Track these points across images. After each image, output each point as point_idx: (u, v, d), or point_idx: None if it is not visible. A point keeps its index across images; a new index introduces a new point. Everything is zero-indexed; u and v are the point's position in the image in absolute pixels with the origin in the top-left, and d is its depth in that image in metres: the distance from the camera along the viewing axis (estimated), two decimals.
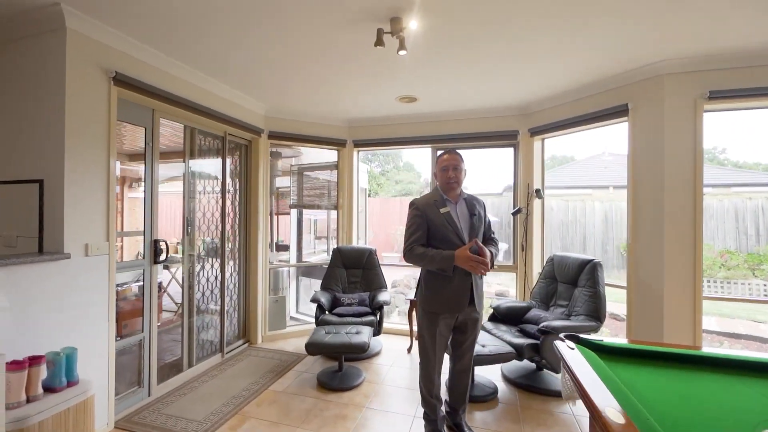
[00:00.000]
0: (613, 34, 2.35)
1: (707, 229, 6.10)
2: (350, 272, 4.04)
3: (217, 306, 3.44)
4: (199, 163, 3.26)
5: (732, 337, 4.56)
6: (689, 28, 2.26)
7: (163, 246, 2.75)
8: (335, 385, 2.93)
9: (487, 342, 2.85)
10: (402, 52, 2.24)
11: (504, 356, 2.72)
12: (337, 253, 4.05)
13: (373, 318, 3.41)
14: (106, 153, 2.30)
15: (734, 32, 2.31)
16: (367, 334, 3.04)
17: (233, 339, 3.68)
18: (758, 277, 6.43)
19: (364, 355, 3.50)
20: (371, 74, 2.99)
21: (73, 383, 1.90)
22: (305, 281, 5.23)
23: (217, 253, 3.45)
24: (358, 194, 4.56)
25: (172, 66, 2.74)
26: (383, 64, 2.79)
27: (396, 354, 3.66)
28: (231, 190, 3.62)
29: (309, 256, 5.32)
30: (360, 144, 4.38)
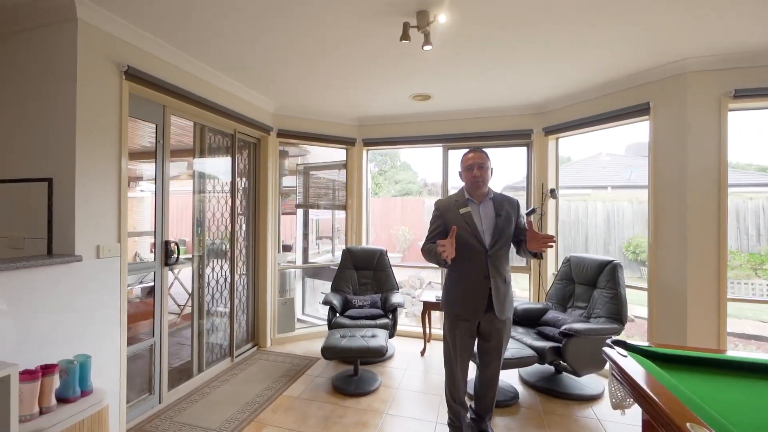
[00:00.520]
0: (636, 32, 2.30)
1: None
2: (361, 273, 3.96)
3: (225, 308, 3.34)
4: (207, 162, 3.16)
5: (743, 338, 4.54)
6: (714, 26, 2.22)
7: (173, 247, 2.65)
8: (352, 390, 2.85)
9: (508, 345, 2.78)
10: (427, 47, 2.17)
11: (526, 360, 2.66)
12: (348, 254, 3.97)
13: (388, 320, 3.34)
14: (117, 150, 2.20)
15: (761, 30, 2.27)
16: (383, 337, 2.96)
17: (242, 342, 3.59)
18: (761, 277, 6.43)
19: (377, 359, 3.42)
20: (388, 71, 2.91)
21: (87, 393, 1.81)
22: (310, 282, 5.14)
23: (226, 254, 3.35)
24: (367, 194, 4.48)
25: (183, 61, 2.64)
26: (402, 61, 2.71)
27: (409, 357, 3.59)
28: (240, 190, 3.52)
29: (313, 257, 5.23)
30: (370, 143, 4.30)
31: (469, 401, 2.49)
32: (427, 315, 3.72)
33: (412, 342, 3.99)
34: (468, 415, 2.36)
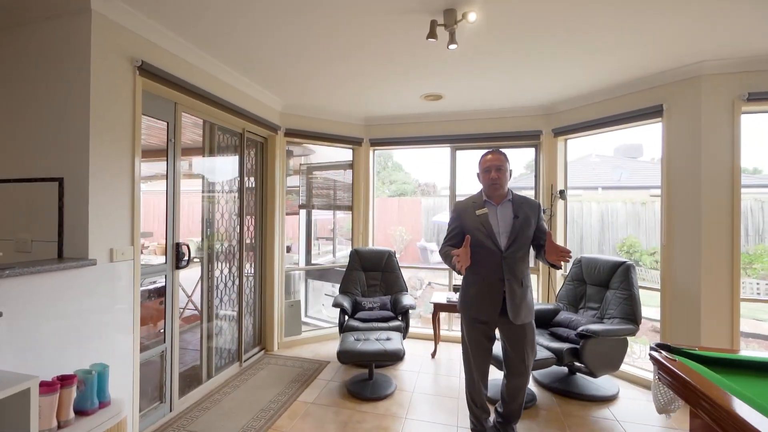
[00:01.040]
0: (652, 35, 2.31)
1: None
2: (369, 275, 3.91)
3: (233, 311, 3.25)
4: (215, 161, 3.06)
5: (747, 337, 4.63)
6: (729, 29, 2.24)
7: (185, 249, 2.56)
8: (368, 394, 2.79)
9: None
10: (452, 46, 2.13)
11: (544, 362, 2.65)
12: (356, 256, 3.91)
13: (401, 323, 3.29)
14: (131, 149, 2.10)
15: None
16: (398, 340, 2.92)
17: (249, 346, 3.49)
18: (750, 276, 6.59)
19: (394, 362, 3.36)
20: (402, 71, 2.87)
21: (105, 404, 1.71)
22: (312, 284, 5.06)
23: (234, 256, 3.25)
24: (373, 194, 4.43)
25: (195, 56, 2.55)
26: (418, 61, 2.67)
27: (421, 360, 3.55)
28: (246, 190, 3.43)
29: (314, 258, 5.15)
30: (377, 143, 4.26)
31: (491, 405, 2.46)
32: (439, 317, 3.69)
33: (421, 344, 3.96)
34: (492, 417, 2.33)
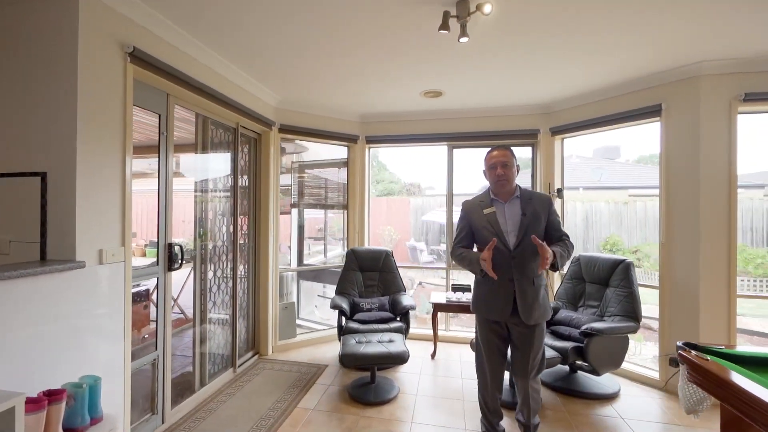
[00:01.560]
0: (653, 35, 2.33)
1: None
2: (366, 275, 3.81)
3: (226, 315, 3.10)
4: (207, 157, 2.91)
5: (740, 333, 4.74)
6: (728, 30, 2.27)
7: (177, 250, 2.41)
8: (371, 398, 2.71)
9: None
10: (463, 39, 2.06)
11: (551, 361, 2.63)
12: (352, 256, 3.81)
13: (402, 324, 3.22)
14: (121, 141, 1.95)
15: None
16: (401, 342, 2.85)
17: (242, 351, 3.34)
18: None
19: (392, 365, 3.28)
20: (407, 65, 2.79)
21: (97, 420, 1.57)
22: (305, 285, 4.93)
23: (227, 256, 3.10)
24: (369, 193, 4.34)
25: (189, 45, 2.40)
26: (422, 55, 2.60)
27: (420, 361, 3.49)
28: (240, 188, 3.28)
29: (305, 258, 5.02)
30: (373, 140, 4.17)
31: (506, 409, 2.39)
32: (437, 317, 3.63)
33: (419, 344, 3.89)
34: (502, 423, 2.27)
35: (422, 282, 7.55)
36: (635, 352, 3.92)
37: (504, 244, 2.04)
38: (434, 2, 1.97)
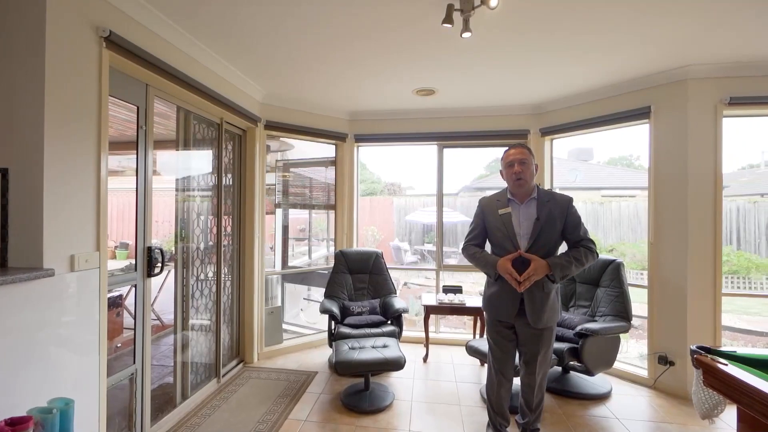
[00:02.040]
0: (643, 39, 2.36)
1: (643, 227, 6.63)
2: (356, 278, 3.70)
3: (209, 321, 2.91)
4: (190, 154, 2.72)
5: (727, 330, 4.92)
6: (715, 36, 2.32)
7: (158, 254, 2.22)
8: (366, 406, 2.60)
9: None
10: (466, 34, 1.99)
11: None
12: (341, 257, 3.69)
13: (394, 327, 3.13)
14: (96, 135, 1.76)
15: (758, 43, 2.40)
16: (396, 346, 2.76)
17: (226, 359, 3.16)
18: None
19: (389, 371, 3.17)
20: (402, 61, 2.71)
21: None
22: (289, 288, 4.76)
23: (211, 260, 2.92)
24: (357, 193, 4.23)
25: (170, 32, 2.22)
26: (422, 50, 2.53)
27: (413, 365, 3.40)
28: (225, 187, 3.09)
29: (290, 260, 4.85)
30: (362, 139, 4.06)
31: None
32: (429, 319, 3.57)
33: (409, 348, 3.80)
34: (508, 429, 2.22)
35: (407, 282, 7.50)
36: (622, 351, 3.99)
37: (515, 247, 2.01)
38: None
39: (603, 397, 2.83)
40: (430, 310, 3.53)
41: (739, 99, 2.74)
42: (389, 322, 3.30)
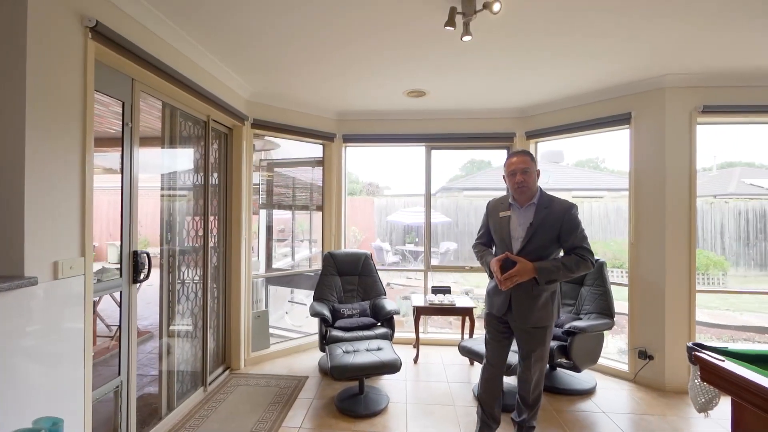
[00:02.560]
0: (625, 48, 2.47)
1: (618, 226, 7.00)
2: (345, 280, 3.66)
3: (195, 327, 2.79)
4: (176, 153, 2.59)
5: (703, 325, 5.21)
6: (692, 48, 2.46)
7: (144, 259, 2.10)
8: (361, 411, 2.57)
9: None
10: (467, 37, 2.02)
11: None
12: (330, 259, 3.64)
13: (387, 329, 3.12)
14: (81, 132, 1.64)
15: (731, 55, 2.57)
16: (390, 348, 2.75)
17: (212, 366, 3.04)
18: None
19: (380, 374, 3.14)
20: (396, 62, 2.69)
21: None
22: (274, 291, 4.64)
23: (197, 263, 2.79)
24: (345, 194, 4.18)
25: (159, 24, 2.10)
26: (419, 51, 2.52)
27: (404, 367, 3.39)
28: (211, 186, 2.97)
29: (274, 262, 4.74)
30: (351, 139, 4.02)
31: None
32: (420, 320, 3.58)
33: (399, 349, 3.78)
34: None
35: (390, 283, 7.50)
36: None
37: (509, 248, 2.09)
38: None
39: (589, 393, 2.93)
40: (420, 311, 3.54)
41: (712, 108, 2.92)
42: (380, 324, 3.29)
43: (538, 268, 1.97)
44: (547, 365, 3.13)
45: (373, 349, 2.74)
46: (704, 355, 1.40)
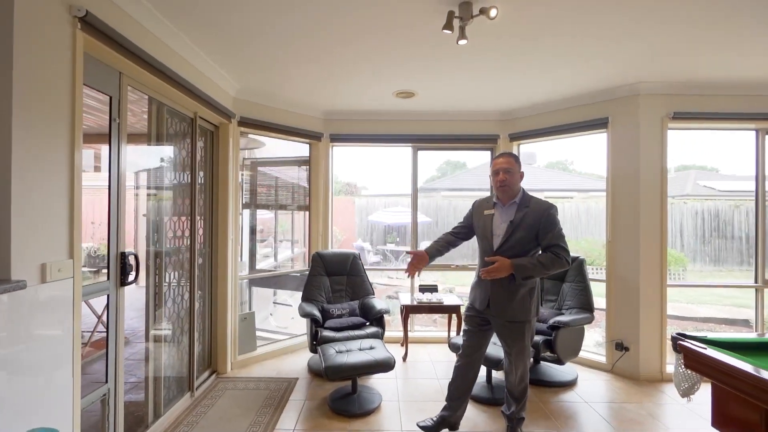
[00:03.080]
0: (602, 57, 2.61)
1: (588, 225, 7.35)
2: (334, 280, 3.65)
3: (181, 330, 2.69)
4: (163, 150, 2.50)
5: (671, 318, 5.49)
6: (664, 58, 2.63)
7: (132, 261, 2.01)
8: (355, 410, 2.58)
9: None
10: (462, 41, 2.07)
11: None
12: (319, 260, 3.61)
13: (378, 329, 3.14)
14: (69, 128, 1.56)
15: (701, 65, 2.76)
16: (383, 347, 2.77)
17: (198, 371, 2.95)
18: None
19: (374, 373, 3.14)
20: (387, 64, 2.72)
21: None
22: (258, 292, 4.55)
23: (183, 265, 2.70)
24: (332, 194, 4.16)
25: (147, 15, 2.02)
26: (409, 53, 2.56)
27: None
28: (197, 186, 2.88)
29: (257, 263, 4.64)
30: (338, 138, 4.00)
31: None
32: (408, 319, 3.61)
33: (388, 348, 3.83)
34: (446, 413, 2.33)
35: (372, 283, 7.51)
36: None
37: (490, 244, 2.19)
38: (437, 1, 1.93)
39: (571, 384, 3.07)
40: (409, 309, 3.57)
41: (682, 114, 3.12)
42: (370, 323, 3.30)
43: (516, 265, 2.06)
44: (532, 359, 3.28)
45: (365, 348, 2.75)
46: (688, 344, 1.51)
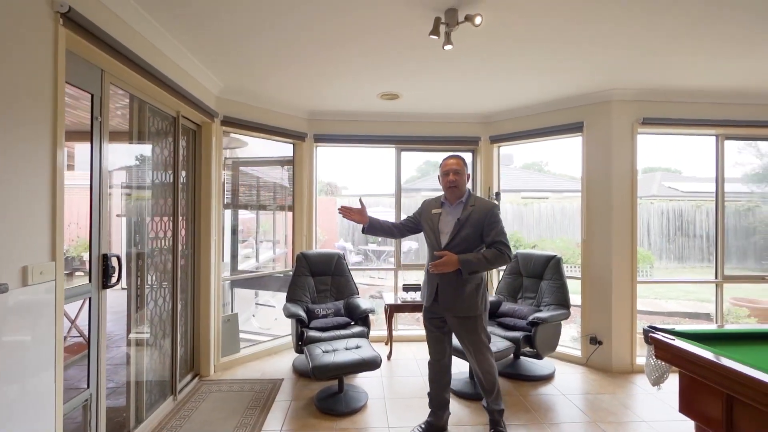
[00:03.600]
0: (577, 64, 2.75)
1: (563, 225, 7.65)
2: (318, 280, 3.65)
3: (163, 333, 2.64)
4: (144, 149, 2.45)
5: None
6: (635, 67, 2.79)
7: (115, 263, 1.97)
8: (342, 409, 2.60)
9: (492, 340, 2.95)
10: (448, 46, 2.14)
11: (506, 352, 2.87)
12: (303, 260, 3.61)
13: (363, 328, 3.17)
14: (51, 125, 1.51)
15: (669, 75, 2.95)
16: (369, 346, 2.81)
17: (181, 374, 2.89)
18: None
19: (361, 371, 3.16)
20: (373, 65, 2.76)
21: None
22: (239, 293, 4.49)
23: (166, 266, 2.65)
24: (316, 194, 4.15)
25: (131, 12, 1.98)
26: (396, 56, 2.60)
27: None
28: (180, 186, 2.83)
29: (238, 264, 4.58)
30: (322, 139, 4.00)
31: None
32: (393, 317, 3.66)
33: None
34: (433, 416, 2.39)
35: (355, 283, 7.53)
36: None
37: (437, 242, 2.28)
38: (423, 6, 1.98)
39: (549, 378, 3.20)
40: (393, 309, 3.62)
41: (650, 119, 3.31)
42: (355, 322, 3.32)
43: (462, 260, 2.15)
44: (512, 355, 3.40)
45: (352, 347, 2.78)
46: (658, 335, 1.62)
